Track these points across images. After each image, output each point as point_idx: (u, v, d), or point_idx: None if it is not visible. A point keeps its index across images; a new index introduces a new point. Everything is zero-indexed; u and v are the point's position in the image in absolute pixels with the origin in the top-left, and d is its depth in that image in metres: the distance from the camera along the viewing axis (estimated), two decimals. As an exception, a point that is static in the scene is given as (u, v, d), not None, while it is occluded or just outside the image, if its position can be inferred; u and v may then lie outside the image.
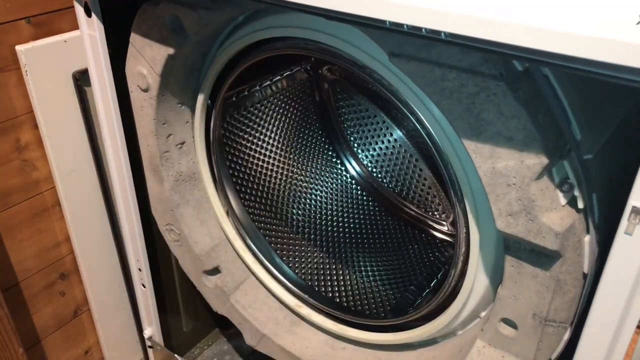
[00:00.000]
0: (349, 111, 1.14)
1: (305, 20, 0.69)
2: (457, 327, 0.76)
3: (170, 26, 0.75)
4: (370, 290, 1.02)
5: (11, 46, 0.94)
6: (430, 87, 0.55)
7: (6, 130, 0.98)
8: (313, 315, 0.95)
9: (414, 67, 0.55)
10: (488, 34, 0.42)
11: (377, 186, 1.16)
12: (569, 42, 0.39)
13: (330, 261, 1.08)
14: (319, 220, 1.14)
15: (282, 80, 1.04)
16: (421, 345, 0.83)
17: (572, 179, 0.54)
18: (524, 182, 0.53)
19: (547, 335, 0.60)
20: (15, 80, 0.96)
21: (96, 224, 1.15)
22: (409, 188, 1.13)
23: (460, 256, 0.68)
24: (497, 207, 0.56)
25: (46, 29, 0.98)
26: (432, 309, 0.77)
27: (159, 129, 0.87)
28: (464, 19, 0.43)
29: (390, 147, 1.13)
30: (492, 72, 0.51)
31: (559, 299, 0.58)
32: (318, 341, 0.95)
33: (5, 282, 1.04)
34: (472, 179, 0.62)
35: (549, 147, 0.51)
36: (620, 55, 0.37)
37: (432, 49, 0.53)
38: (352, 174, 1.17)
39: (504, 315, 0.63)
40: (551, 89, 0.53)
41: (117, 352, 1.32)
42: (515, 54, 0.42)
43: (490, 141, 0.53)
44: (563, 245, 0.54)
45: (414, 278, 1.02)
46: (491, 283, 0.67)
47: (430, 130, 0.62)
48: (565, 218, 0.54)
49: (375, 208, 1.16)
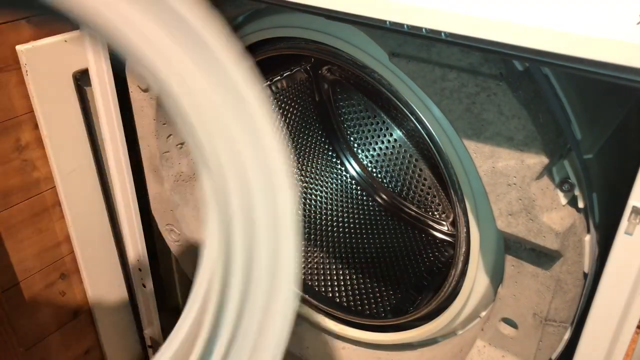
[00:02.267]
0: (349, 111, 1.14)
1: (305, 20, 0.69)
2: (457, 326, 0.76)
3: (170, 26, 0.75)
4: (370, 290, 1.02)
5: (11, 46, 0.94)
6: (430, 87, 0.55)
7: (6, 130, 0.98)
8: (313, 315, 0.95)
9: (414, 67, 0.55)
10: (488, 33, 0.42)
11: (377, 186, 1.16)
12: (569, 42, 0.39)
13: (330, 261, 1.08)
14: (319, 220, 1.14)
15: (282, 81, 1.04)
16: (421, 345, 0.83)
17: (572, 179, 0.54)
18: (524, 182, 0.53)
19: (548, 335, 0.60)
20: (16, 80, 0.96)
21: (96, 224, 1.15)
22: (409, 188, 1.13)
23: (461, 256, 0.68)
24: (498, 206, 0.56)
25: (46, 29, 0.98)
26: (433, 308, 0.77)
27: (159, 129, 0.87)
28: (464, 19, 0.43)
29: (390, 147, 1.13)
30: (492, 72, 0.51)
31: (559, 299, 0.58)
32: (318, 341, 0.94)
33: (5, 282, 1.04)
34: (472, 179, 0.62)
35: (549, 147, 0.51)
36: (620, 55, 0.37)
37: (433, 48, 0.54)
38: (352, 174, 1.17)
39: (505, 315, 0.63)
40: (551, 88, 0.53)
41: (117, 352, 1.32)
42: (515, 54, 0.42)
43: (491, 141, 0.53)
44: (563, 244, 0.54)
45: (414, 278, 1.02)
46: (491, 283, 0.67)
47: (431, 130, 0.62)
48: (565, 218, 0.54)
49: (375, 208, 1.16)
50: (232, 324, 0.41)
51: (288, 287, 0.41)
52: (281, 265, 0.40)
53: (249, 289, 0.41)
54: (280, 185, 0.40)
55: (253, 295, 0.41)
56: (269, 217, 0.40)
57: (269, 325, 0.41)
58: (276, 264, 0.40)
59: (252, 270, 0.40)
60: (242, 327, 0.41)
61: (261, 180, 0.39)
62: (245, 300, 0.41)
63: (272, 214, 0.40)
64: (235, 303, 0.41)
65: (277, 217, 0.40)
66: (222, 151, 0.38)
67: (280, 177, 0.40)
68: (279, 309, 0.41)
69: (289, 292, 0.41)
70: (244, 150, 0.39)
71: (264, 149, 0.40)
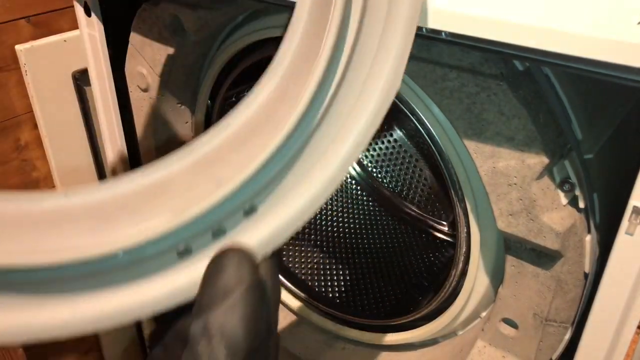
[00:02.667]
0: (349, 111, 1.14)
1: (305, 20, 0.68)
2: (457, 327, 0.76)
3: (170, 26, 0.75)
4: (370, 291, 1.02)
5: (11, 46, 0.94)
6: (431, 87, 0.55)
7: (6, 130, 0.98)
8: (312, 315, 0.95)
9: (415, 67, 0.55)
10: (489, 33, 0.42)
11: (377, 186, 1.16)
12: (569, 42, 0.39)
13: (330, 261, 1.08)
14: (319, 220, 1.13)
15: (282, 80, 1.04)
16: (422, 345, 0.83)
17: (573, 179, 0.54)
18: (525, 182, 0.53)
19: (548, 335, 0.60)
20: (15, 80, 0.96)
21: (96, 224, 1.14)
22: (409, 188, 1.13)
23: (461, 256, 0.68)
24: (498, 206, 0.56)
25: (46, 29, 0.98)
26: (433, 309, 0.77)
27: (159, 129, 0.87)
28: (465, 19, 0.43)
29: (390, 147, 1.13)
30: (493, 72, 0.51)
31: (559, 299, 0.58)
32: (318, 341, 0.94)
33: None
34: (472, 179, 0.62)
35: (549, 147, 0.51)
36: (621, 54, 0.37)
37: (433, 48, 0.53)
38: (352, 174, 1.17)
39: (505, 315, 0.63)
40: (552, 88, 0.53)
41: (117, 352, 1.32)
42: (516, 54, 0.42)
43: (491, 141, 0.53)
44: (564, 245, 0.54)
45: (414, 278, 1.02)
46: (492, 283, 0.67)
47: (431, 130, 0.62)
48: (566, 218, 0.54)
49: (375, 208, 1.16)
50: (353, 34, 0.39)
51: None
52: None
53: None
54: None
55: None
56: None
57: (391, 32, 0.39)
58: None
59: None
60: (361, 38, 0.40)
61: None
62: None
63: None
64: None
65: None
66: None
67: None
68: (402, 13, 0.39)
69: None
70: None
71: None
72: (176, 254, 0.36)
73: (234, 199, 0.37)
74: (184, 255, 0.36)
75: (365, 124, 0.40)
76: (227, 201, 0.36)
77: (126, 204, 0.36)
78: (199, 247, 0.36)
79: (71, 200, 0.36)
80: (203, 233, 0.36)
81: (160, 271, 0.36)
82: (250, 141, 0.38)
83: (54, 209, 0.35)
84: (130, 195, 0.37)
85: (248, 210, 0.37)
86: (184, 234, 0.36)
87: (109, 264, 0.35)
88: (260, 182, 0.37)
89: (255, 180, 0.37)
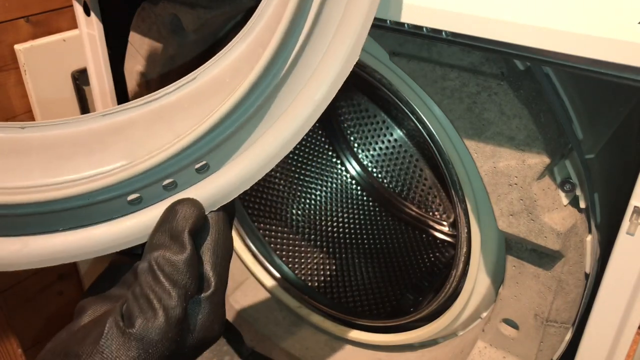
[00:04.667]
0: (349, 111, 1.14)
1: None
2: (458, 327, 0.75)
3: (169, 25, 0.75)
4: (370, 291, 1.02)
5: (10, 45, 0.93)
6: (431, 87, 0.55)
7: (5, 130, 0.97)
8: (313, 316, 0.95)
9: (415, 67, 0.55)
10: (489, 33, 0.42)
11: (377, 186, 1.16)
12: (570, 41, 0.39)
13: (330, 261, 1.07)
14: (319, 220, 1.13)
15: (282, 80, 1.04)
16: (422, 346, 0.83)
17: (574, 179, 0.54)
18: (525, 182, 0.52)
19: (549, 336, 0.60)
20: (14, 79, 0.95)
21: (95, 224, 1.14)
22: (409, 188, 1.13)
23: (462, 256, 0.67)
24: (499, 207, 0.56)
25: (45, 28, 0.97)
26: (433, 309, 0.77)
27: (159, 128, 0.87)
28: (465, 18, 0.42)
29: (390, 147, 1.13)
30: (493, 72, 0.51)
31: (560, 300, 0.57)
32: (318, 342, 0.94)
33: (3, 283, 1.04)
34: (473, 179, 0.61)
35: (550, 147, 0.51)
36: (621, 54, 0.37)
37: (433, 48, 0.53)
38: (352, 174, 1.17)
39: (505, 316, 0.63)
40: (552, 88, 0.52)
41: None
42: (516, 53, 0.42)
43: (492, 141, 0.53)
44: (565, 245, 0.54)
45: (415, 278, 1.02)
46: (492, 283, 0.67)
47: (431, 129, 0.62)
48: (567, 218, 0.53)
49: (375, 208, 1.16)
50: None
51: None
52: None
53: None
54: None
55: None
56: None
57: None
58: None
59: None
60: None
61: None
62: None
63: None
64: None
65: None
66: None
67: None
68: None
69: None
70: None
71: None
72: (127, 202, 0.38)
73: (189, 154, 0.38)
74: (134, 203, 0.39)
75: (327, 89, 0.41)
76: (182, 156, 0.38)
77: (85, 142, 0.38)
78: (150, 197, 0.39)
79: (27, 133, 0.37)
80: (155, 184, 0.39)
81: (110, 216, 0.38)
82: (213, 97, 0.40)
83: (9, 140, 0.37)
84: (89, 134, 0.39)
85: (199, 168, 0.39)
86: (137, 184, 0.38)
87: (61, 206, 0.37)
88: (216, 140, 0.39)
89: (211, 137, 0.38)
